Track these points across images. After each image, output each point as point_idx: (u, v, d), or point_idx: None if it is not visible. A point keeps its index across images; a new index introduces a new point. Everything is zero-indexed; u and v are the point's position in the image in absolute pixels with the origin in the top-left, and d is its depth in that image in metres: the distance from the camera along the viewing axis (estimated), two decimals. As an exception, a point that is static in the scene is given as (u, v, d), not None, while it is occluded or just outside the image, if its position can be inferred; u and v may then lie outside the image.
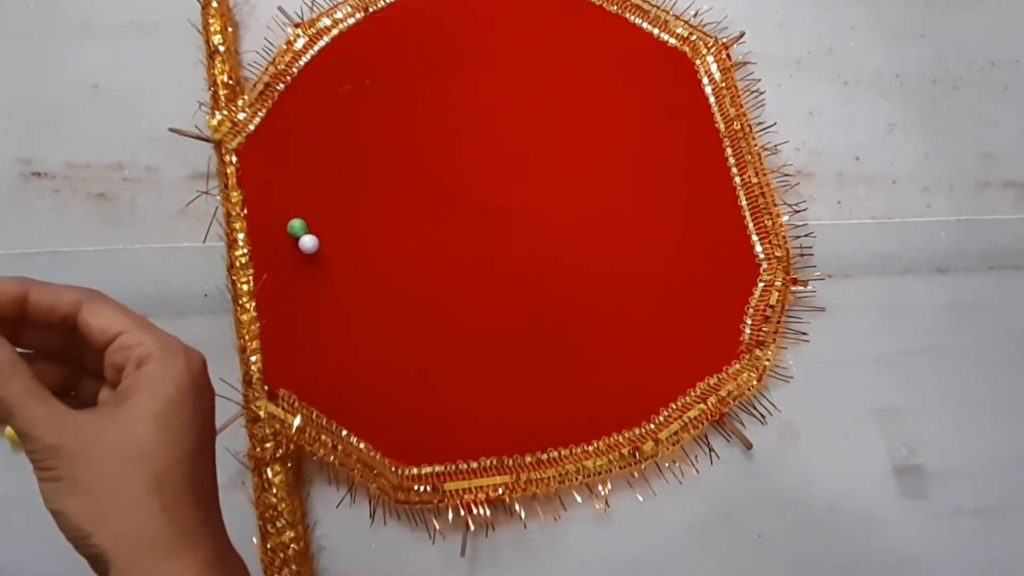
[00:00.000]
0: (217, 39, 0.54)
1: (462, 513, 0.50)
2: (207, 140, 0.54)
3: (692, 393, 0.52)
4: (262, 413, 0.50)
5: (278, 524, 0.49)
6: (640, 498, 0.51)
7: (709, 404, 0.51)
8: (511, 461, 0.50)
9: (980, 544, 0.52)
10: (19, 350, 0.37)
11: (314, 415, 0.50)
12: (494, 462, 0.50)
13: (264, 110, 0.54)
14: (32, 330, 0.37)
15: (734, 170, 0.55)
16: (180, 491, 0.34)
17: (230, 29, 0.55)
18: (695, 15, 0.58)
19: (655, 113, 0.56)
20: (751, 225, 0.54)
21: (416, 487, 0.50)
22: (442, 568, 0.50)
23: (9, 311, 0.36)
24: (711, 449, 0.52)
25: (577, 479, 0.50)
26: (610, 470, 0.51)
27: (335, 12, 0.56)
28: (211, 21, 0.55)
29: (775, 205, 0.54)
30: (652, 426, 0.51)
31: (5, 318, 0.36)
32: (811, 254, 0.55)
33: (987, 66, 0.59)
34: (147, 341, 0.35)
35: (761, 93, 0.57)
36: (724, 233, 0.54)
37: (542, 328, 0.52)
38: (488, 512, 0.50)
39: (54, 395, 0.35)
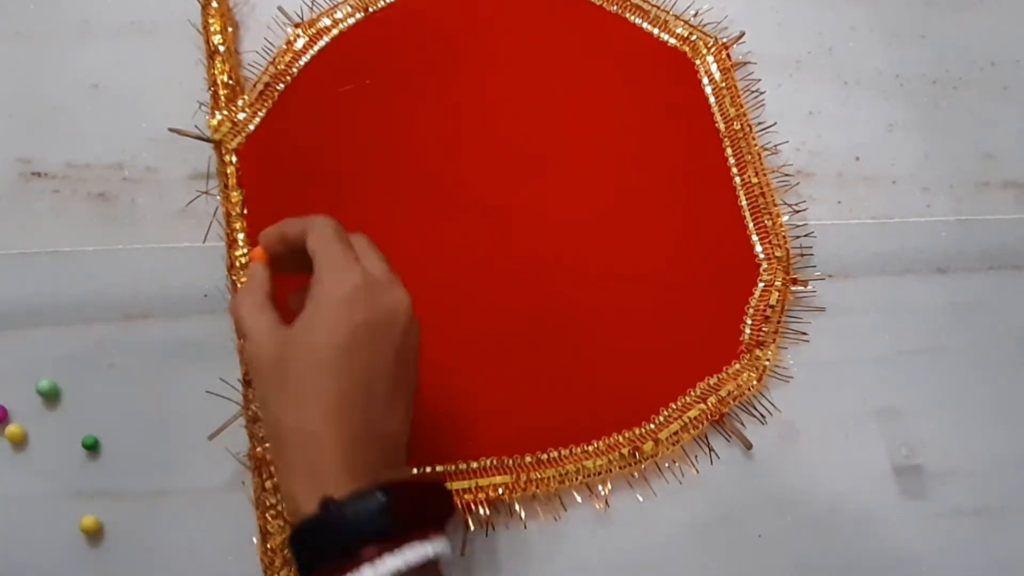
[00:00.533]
0: (217, 39, 0.55)
1: (462, 513, 0.50)
2: (207, 140, 0.54)
3: (692, 393, 0.52)
4: (262, 413, 0.50)
5: (278, 524, 0.49)
6: (640, 498, 0.51)
7: (709, 404, 0.51)
8: (511, 461, 0.50)
9: (980, 544, 0.52)
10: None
11: (314, 415, 0.50)
12: (494, 462, 0.50)
13: (264, 110, 0.54)
14: (291, 257, 0.43)
15: (734, 170, 0.55)
16: (349, 373, 0.39)
17: (230, 29, 0.55)
18: (695, 15, 0.58)
19: (655, 113, 0.56)
20: (751, 225, 0.54)
21: (416, 487, 0.50)
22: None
23: (278, 248, 0.43)
24: (711, 449, 0.52)
25: (577, 479, 0.50)
26: (610, 470, 0.51)
27: (335, 12, 0.56)
28: (211, 21, 0.55)
29: (775, 205, 0.54)
30: (652, 426, 0.51)
31: (277, 256, 0.43)
32: (811, 254, 0.55)
33: (987, 66, 0.59)
34: (329, 253, 0.41)
35: (761, 93, 0.57)
36: (724, 233, 0.54)
37: (542, 328, 0.52)
38: (488, 512, 0.50)
39: None
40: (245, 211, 0.53)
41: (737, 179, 0.55)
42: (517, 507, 0.50)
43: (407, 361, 0.42)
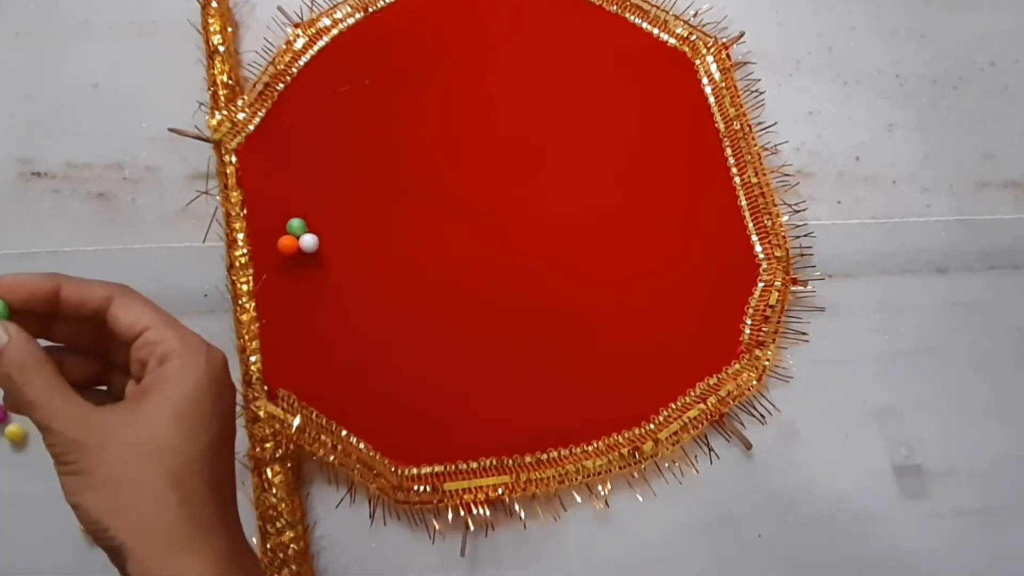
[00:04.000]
0: (217, 39, 0.55)
1: (462, 513, 0.50)
2: (207, 140, 0.54)
3: (692, 393, 0.52)
4: (262, 413, 0.50)
5: (278, 524, 0.49)
6: (640, 498, 0.51)
7: (709, 404, 0.51)
8: (511, 461, 0.50)
9: (980, 544, 0.52)
10: (50, 344, 0.37)
11: (314, 415, 0.50)
12: (494, 462, 0.50)
13: (264, 110, 0.54)
14: (64, 324, 0.38)
15: (734, 170, 0.55)
16: (197, 486, 0.35)
17: (230, 29, 0.55)
18: (695, 15, 0.58)
19: (655, 113, 0.56)
20: (751, 225, 0.54)
21: (416, 487, 0.50)
22: (442, 568, 0.50)
23: (40, 306, 0.36)
24: (711, 449, 0.52)
25: (577, 479, 0.50)
26: (610, 470, 0.51)
27: (335, 12, 0.56)
28: (211, 21, 0.55)
29: (775, 205, 0.54)
30: (652, 426, 0.51)
31: (36, 312, 0.36)
32: (811, 254, 0.55)
33: (987, 66, 0.59)
34: (170, 338, 0.36)
35: (761, 93, 0.57)
36: (724, 233, 0.54)
37: (542, 328, 0.52)
38: (488, 512, 0.50)
39: (86, 388, 0.36)
40: (245, 211, 0.53)
41: (737, 179, 0.55)
42: (517, 507, 0.50)
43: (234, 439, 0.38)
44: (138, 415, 0.35)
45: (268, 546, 0.49)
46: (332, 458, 0.49)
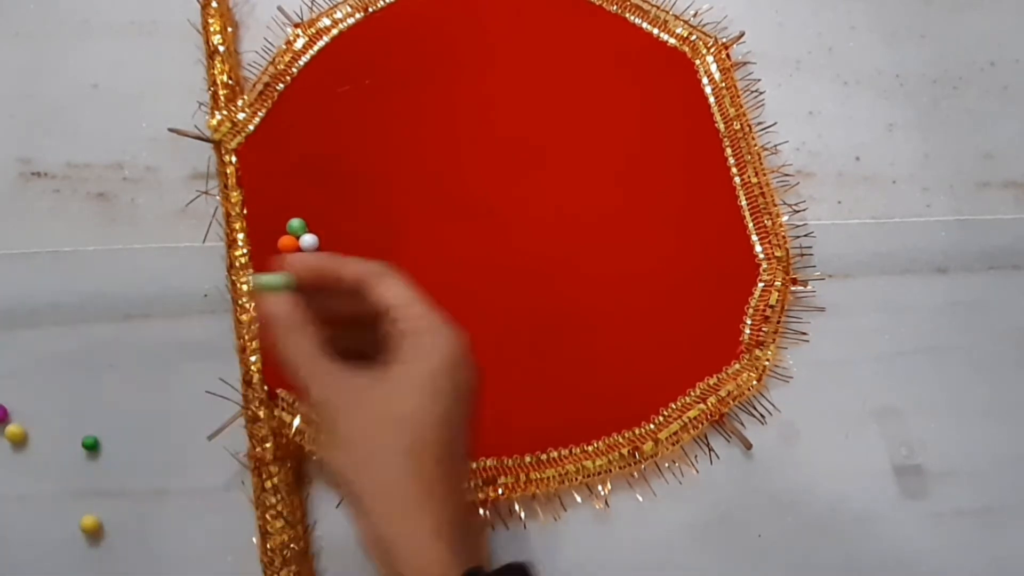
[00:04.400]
0: (217, 39, 0.55)
1: (462, 513, 0.50)
2: (207, 140, 0.54)
3: (692, 393, 0.52)
4: (262, 413, 0.50)
5: (278, 524, 0.49)
6: (640, 498, 0.51)
7: (709, 404, 0.51)
8: (511, 461, 0.50)
9: (980, 544, 0.52)
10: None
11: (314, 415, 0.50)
12: (494, 462, 0.50)
13: (264, 110, 0.54)
14: (335, 299, 0.40)
15: (734, 170, 0.55)
16: (429, 454, 0.37)
17: (230, 29, 0.55)
18: (695, 15, 0.58)
19: (655, 113, 0.56)
20: (751, 225, 0.54)
21: (416, 487, 0.50)
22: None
23: (314, 282, 0.40)
24: (711, 449, 0.52)
25: (577, 479, 0.50)
26: (610, 470, 0.51)
27: (335, 12, 0.56)
28: (211, 21, 0.55)
29: (775, 205, 0.54)
30: (652, 426, 0.51)
31: (306, 289, 0.40)
32: (811, 254, 0.55)
33: (987, 66, 0.59)
34: (420, 316, 0.39)
35: (761, 93, 0.57)
36: (724, 233, 0.54)
37: (542, 328, 0.52)
38: (488, 512, 0.50)
39: (353, 356, 0.39)
40: (245, 211, 0.53)
41: (737, 179, 0.55)
42: (517, 507, 0.50)
43: (472, 421, 0.40)
44: (384, 383, 0.38)
45: (268, 546, 0.49)
46: (332, 458, 0.49)
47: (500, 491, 0.50)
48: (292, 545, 0.49)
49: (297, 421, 0.49)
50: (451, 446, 0.38)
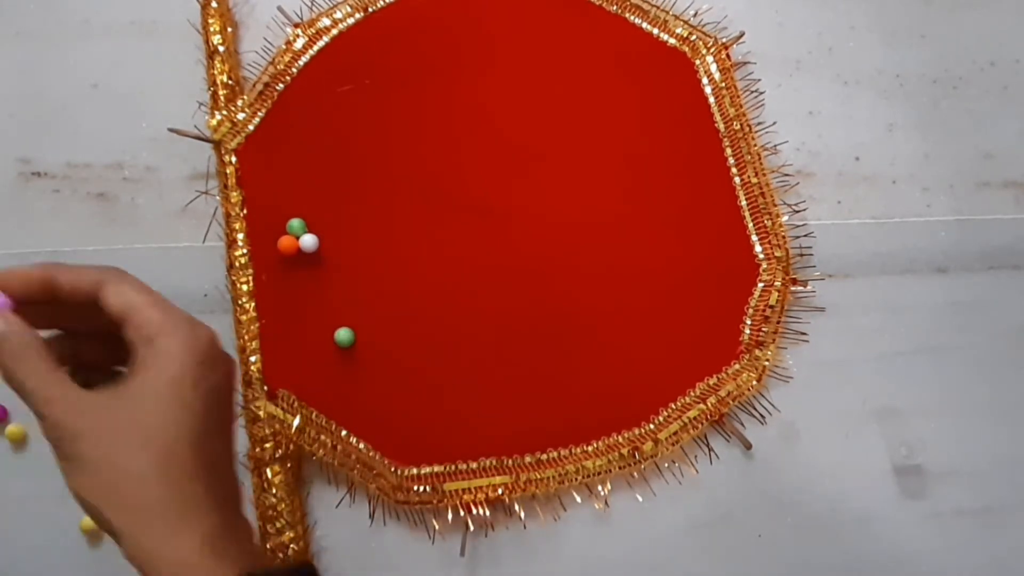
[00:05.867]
0: (217, 39, 0.55)
1: (462, 513, 0.50)
2: (207, 140, 0.54)
3: (692, 393, 0.52)
4: (262, 413, 0.50)
5: (278, 524, 0.49)
6: (640, 498, 0.51)
7: (709, 404, 0.51)
8: (511, 461, 0.50)
9: (980, 544, 0.52)
10: (57, 331, 0.38)
11: (313, 415, 0.50)
12: (494, 462, 0.50)
13: (264, 110, 0.54)
14: (67, 311, 0.37)
15: (734, 170, 0.55)
16: (184, 465, 0.35)
17: (230, 29, 0.55)
18: (695, 15, 0.58)
19: (655, 113, 0.56)
20: (751, 225, 0.54)
21: (416, 487, 0.50)
22: (442, 568, 0.50)
23: (38, 296, 0.37)
24: (711, 449, 0.52)
25: (577, 479, 0.50)
26: (610, 470, 0.51)
27: (334, 12, 0.56)
28: (211, 21, 0.55)
29: (775, 205, 0.54)
30: (652, 426, 0.51)
31: (34, 302, 0.37)
32: (811, 254, 0.55)
33: (987, 66, 0.59)
34: (155, 319, 0.36)
35: (761, 93, 0.57)
36: (724, 233, 0.54)
37: (542, 328, 0.52)
38: (488, 512, 0.50)
39: (99, 372, 0.37)
40: (244, 211, 0.53)
41: (737, 179, 0.55)
42: (517, 507, 0.50)
43: (230, 420, 0.38)
44: (123, 399, 0.35)
45: (268, 546, 0.49)
46: (332, 458, 0.49)
47: (500, 491, 0.50)
48: (292, 545, 0.49)
49: (297, 421, 0.49)
50: (207, 455, 0.36)
